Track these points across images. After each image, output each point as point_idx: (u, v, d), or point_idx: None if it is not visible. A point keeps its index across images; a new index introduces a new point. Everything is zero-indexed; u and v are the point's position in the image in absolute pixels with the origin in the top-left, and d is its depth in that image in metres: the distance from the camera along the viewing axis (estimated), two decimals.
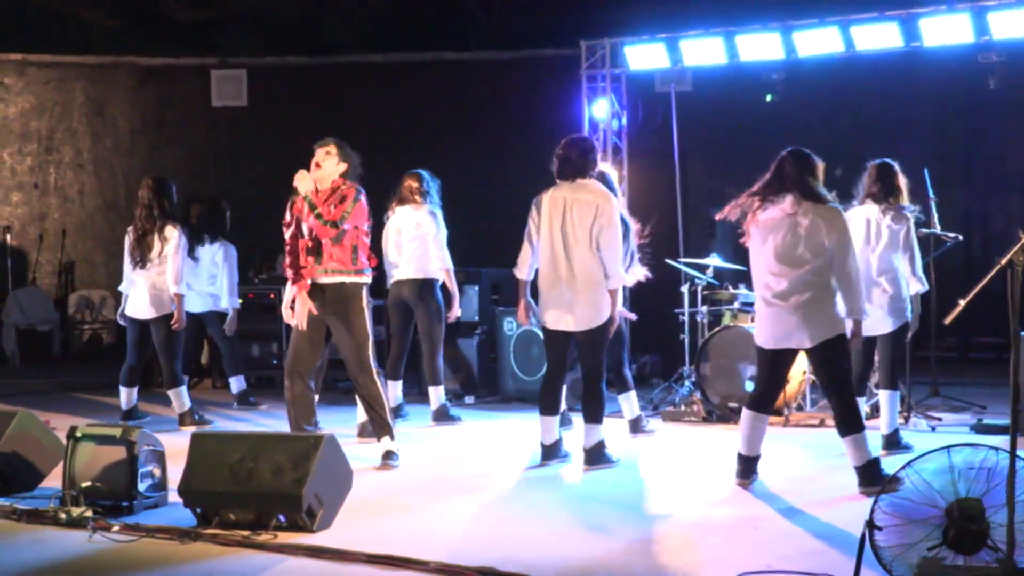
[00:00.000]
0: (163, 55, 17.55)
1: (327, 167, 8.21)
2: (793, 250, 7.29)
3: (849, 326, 7.30)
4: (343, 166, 8.25)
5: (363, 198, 8.23)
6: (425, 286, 10.36)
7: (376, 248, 9.11)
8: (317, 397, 8.54)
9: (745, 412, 7.50)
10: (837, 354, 7.27)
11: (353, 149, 8.37)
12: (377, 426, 8.37)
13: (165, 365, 10.30)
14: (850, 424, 7.23)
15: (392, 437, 8.33)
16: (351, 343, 8.23)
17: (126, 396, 10.44)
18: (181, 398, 10.32)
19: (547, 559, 5.81)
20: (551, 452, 8.44)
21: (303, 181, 8.09)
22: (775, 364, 7.48)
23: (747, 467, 7.50)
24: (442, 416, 10.48)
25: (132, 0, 17.49)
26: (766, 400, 7.50)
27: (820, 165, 7.58)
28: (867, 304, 7.88)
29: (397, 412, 10.27)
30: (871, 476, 7.16)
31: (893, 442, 8.54)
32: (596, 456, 8.20)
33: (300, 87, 17.06)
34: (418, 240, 10.36)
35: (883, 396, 8.66)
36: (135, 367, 10.41)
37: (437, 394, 10.51)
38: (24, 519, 6.74)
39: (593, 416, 8.21)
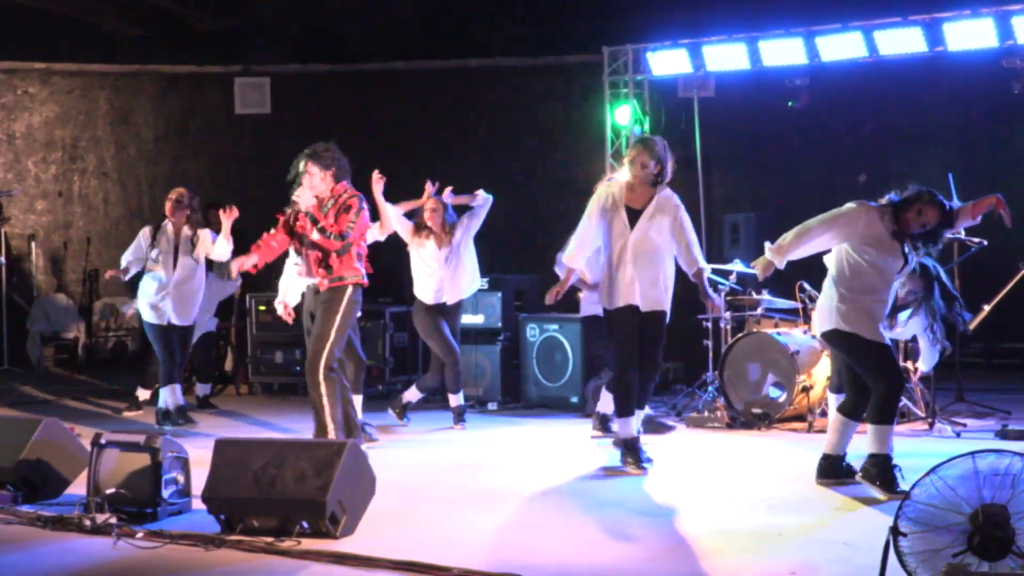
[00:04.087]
0: (187, 63, 17.61)
1: (315, 183, 8.46)
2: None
3: None
4: (331, 171, 8.46)
5: (366, 206, 8.48)
6: None
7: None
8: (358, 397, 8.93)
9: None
10: None
11: (376, 156, 8.51)
12: (318, 431, 8.48)
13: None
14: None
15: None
16: (312, 337, 8.56)
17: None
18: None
19: (570, 566, 5.81)
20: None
21: (304, 196, 8.33)
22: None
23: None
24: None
25: (156, 9, 17.56)
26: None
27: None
28: None
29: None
30: (883, 473, 7.32)
31: None
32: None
33: (323, 95, 17.09)
34: None
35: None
36: None
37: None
38: (49, 526, 6.76)
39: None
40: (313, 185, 8.46)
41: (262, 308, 12.75)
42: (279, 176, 10.08)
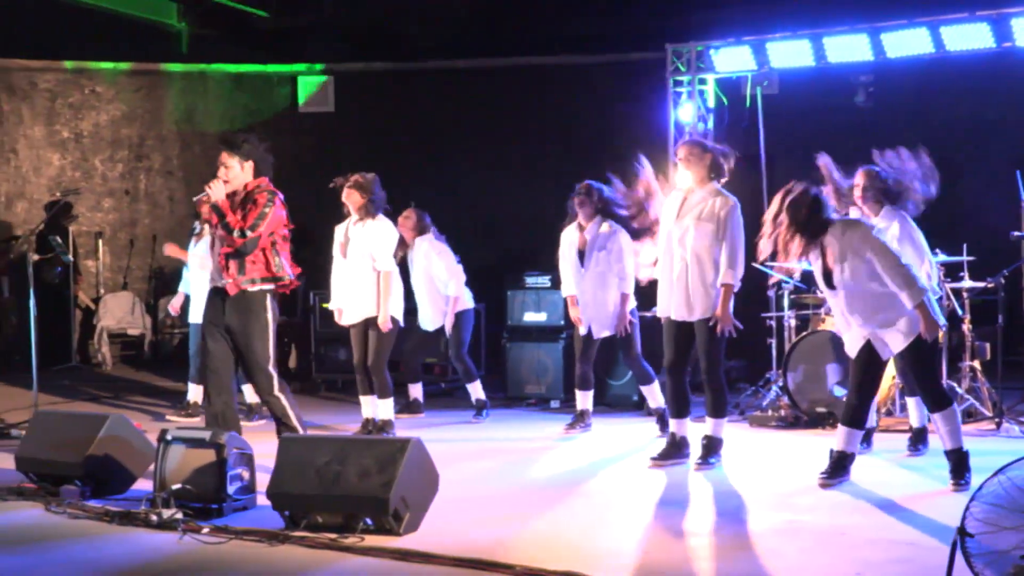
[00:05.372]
0: (250, 62, 17.74)
1: (232, 175, 7.83)
2: None
3: None
4: (249, 164, 7.89)
5: (278, 203, 7.84)
6: None
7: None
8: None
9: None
10: None
11: (437, 153, 8.33)
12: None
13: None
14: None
15: None
16: (247, 358, 7.90)
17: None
18: None
19: (630, 563, 5.81)
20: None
21: (216, 188, 7.73)
22: None
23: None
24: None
25: (220, 9, 17.70)
26: None
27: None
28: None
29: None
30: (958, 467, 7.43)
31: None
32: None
33: (385, 92, 17.15)
34: None
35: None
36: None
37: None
38: (116, 521, 6.84)
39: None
40: (231, 177, 7.83)
41: (325, 305, 12.82)
42: (341, 172, 10.19)
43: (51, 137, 17.16)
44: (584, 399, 10.36)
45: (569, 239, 10.30)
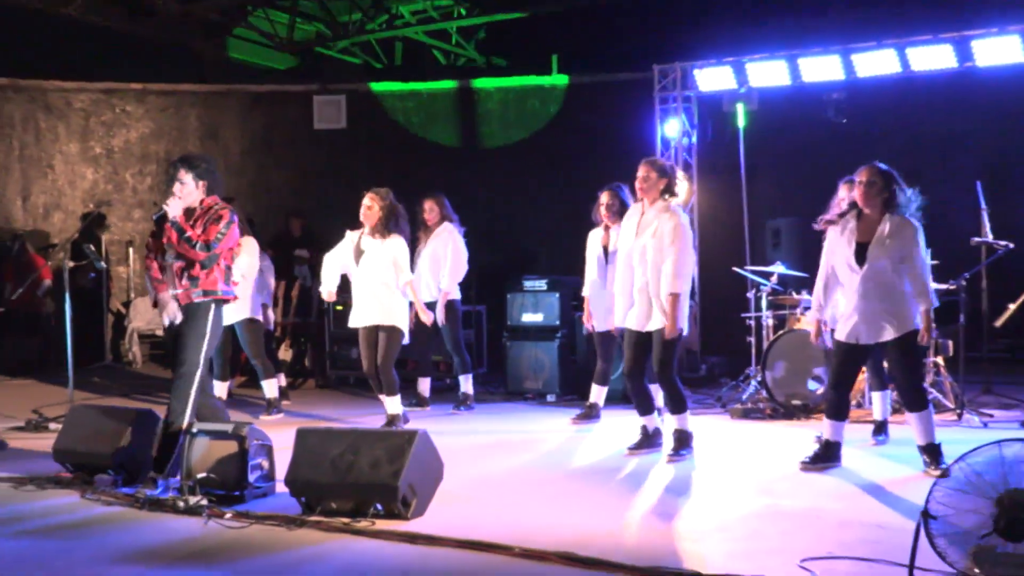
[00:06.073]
0: (268, 83, 17.76)
1: (187, 193, 7.57)
2: None
3: None
4: (204, 181, 7.61)
5: (236, 221, 7.67)
6: None
7: None
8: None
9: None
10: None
11: (441, 167, 8.29)
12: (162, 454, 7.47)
13: None
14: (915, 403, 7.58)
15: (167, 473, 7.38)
16: (179, 364, 7.56)
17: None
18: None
19: (620, 545, 5.82)
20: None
21: (173, 205, 7.48)
22: None
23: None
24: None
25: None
26: None
27: None
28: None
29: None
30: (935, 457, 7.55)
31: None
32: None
33: (392, 111, 17.18)
34: None
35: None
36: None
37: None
38: (146, 507, 6.85)
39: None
40: (184, 194, 7.56)
41: (339, 308, 12.84)
42: (354, 184, 10.22)
43: (85, 153, 17.18)
44: (599, 394, 10.38)
45: (596, 236, 10.34)
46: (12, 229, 16.10)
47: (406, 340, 9.99)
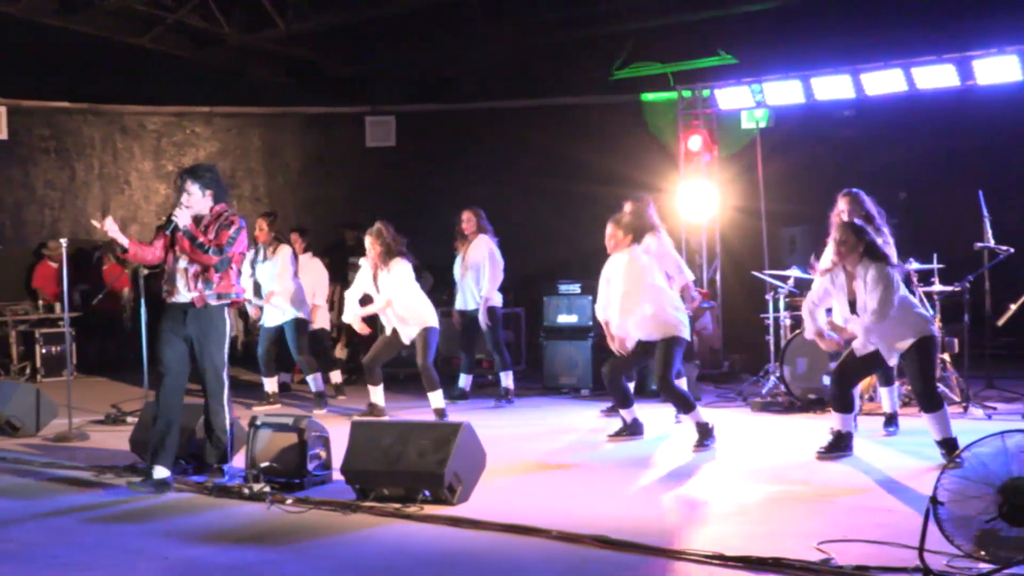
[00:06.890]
0: (324, 105, 17.83)
1: (195, 202, 7.30)
2: None
3: None
4: (211, 191, 7.34)
5: (244, 226, 7.40)
6: None
7: None
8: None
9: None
10: None
11: (483, 181, 8.26)
12: (213, 448, 7.35)
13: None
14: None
15: (225, 461, 7.34)
16: (206, 369, 7.36)
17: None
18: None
19: (650, 528, 5.80)
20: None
21: (182, 215, 7.20)
22: None
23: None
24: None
25: (297, 60, 17.80)
26: None
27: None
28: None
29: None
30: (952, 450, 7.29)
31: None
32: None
33: (439, 129, 17.19)
34: None
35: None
36: None
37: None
38: (215, 494, 6.91)
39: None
40: (192, 203, 7.28)
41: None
42: (403, 198, 10.24)
43: (158, 170, 17.28)
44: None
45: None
46: (92, 241, 16.21)
47: (436, 326, 10.06)
